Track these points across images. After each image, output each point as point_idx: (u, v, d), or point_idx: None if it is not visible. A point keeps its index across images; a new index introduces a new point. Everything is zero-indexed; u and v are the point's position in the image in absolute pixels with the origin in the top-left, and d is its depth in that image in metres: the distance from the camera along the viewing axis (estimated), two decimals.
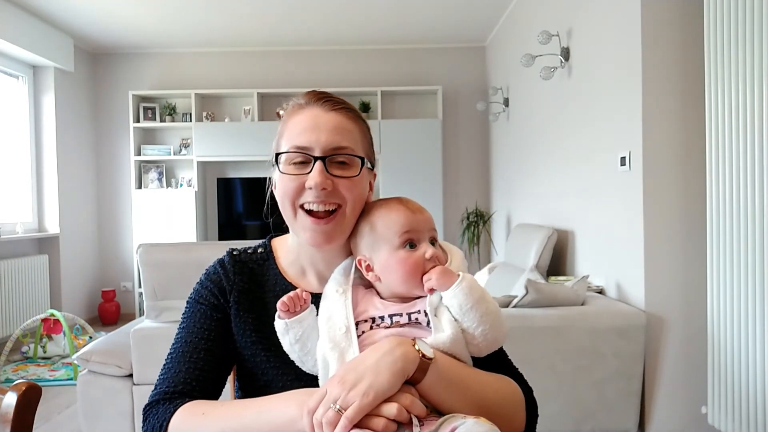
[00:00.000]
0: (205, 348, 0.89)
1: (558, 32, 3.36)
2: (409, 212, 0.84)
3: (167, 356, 0.91)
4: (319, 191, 0.83)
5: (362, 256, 0.86)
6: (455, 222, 5.55)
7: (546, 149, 3.79)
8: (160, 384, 0.88)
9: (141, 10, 4.59)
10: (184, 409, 0.83)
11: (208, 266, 0.98)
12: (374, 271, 0.84)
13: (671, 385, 2.42)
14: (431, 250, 0.82)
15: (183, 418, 0.82)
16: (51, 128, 5.01)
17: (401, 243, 0.82)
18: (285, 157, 0.87)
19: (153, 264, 2.34)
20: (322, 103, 0.88)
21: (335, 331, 0.80)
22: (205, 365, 0.88)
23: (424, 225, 0.84)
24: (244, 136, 5.41)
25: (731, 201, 2.01)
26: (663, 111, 2.42)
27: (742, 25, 1.93)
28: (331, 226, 0.85)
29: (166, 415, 0.82)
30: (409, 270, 0.81)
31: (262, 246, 0.99)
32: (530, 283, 2.44)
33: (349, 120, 0.89)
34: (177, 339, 0.92)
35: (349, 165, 0.86)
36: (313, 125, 0.86)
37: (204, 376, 0.88)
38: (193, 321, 0.92)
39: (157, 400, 0.86)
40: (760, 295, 1.90)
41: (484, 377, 0.82)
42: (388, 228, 0.84)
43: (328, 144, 0.85)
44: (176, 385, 0.87)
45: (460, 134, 5.71)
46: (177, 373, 0.88)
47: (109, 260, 5.76)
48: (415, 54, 5.67)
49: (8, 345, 3.70)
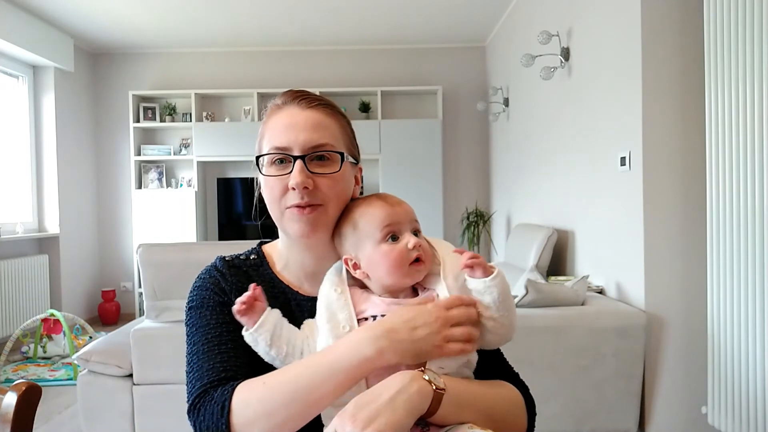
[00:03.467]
0: (229, 339, 0.85)
1: (558, 32, 3.36)
2: (387, 206, 0.86)
3: (189, 362, 0.85)
4: (300, 190, 0.83)
5: (348, 255, 0.86)
6: (455, 222, 5.55)
7: (546, 149, 3.79)
8: (197, 381, 0.82)
9: (141, 10, 4.59)
10: (241, 386, 0.78)
11: (199, 273, 0.94)
12: (361, 269, 0.85)
13: (671, 385, 2.42)
14: (413, 239, 0.83)
15: (244, 394, 0.77)
16: (51, 128, 5.00)
17: (383, 237, 0.84)
18: (266, 159, 0.87)
19: (153, 264, 2.34)
20: (299, 102, 0.89)
21: (339, 330, 0.80)
22: (236, 353, 0.84)
23: (404, 217, 0.85)
24: (244, 136, 5.40)
25: (731, 201, 2.01)
26: (663, 111, 2.42)
27: (742, 25, 1.93)
28: (315, 215, 0.85)
29: (225, 395, 0.78)
30: (393, 262, 0.82)
31: (253, 252, 0.97)
32: (530, 283, 2.44)
33: (326, 116, 0.89)
34: (193, 342, 0.87)
35: (329, 160, 0.87)
36: (290, 124, 0.86)
37: (239, 363, 0.83)
38: (204, 321, 0.88)
39: (203, 391, 0.81)
40: (760, 295, 1.90)
41: (489, 389, 0.83)
42: (369, 223, 0.85)
43: (306, 142, 0.85)
44: (216, 374, 0.81)
45: (460, 134, 5.71)
46: (212, 366, 0.82)
47: (109, 260, 5.76)
48: (415, 54, 5.66)
49: (8, 345, 3.69)
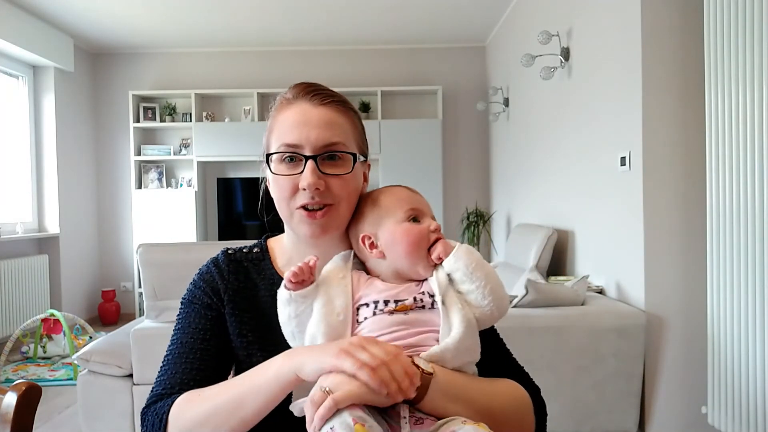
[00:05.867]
0: (201, 348, 0.88)
1: (558, 32, 3.36)
2: (411, 192, 0.89)
3: (164, 359, 0.89)
4: (312, 191, 0.82)
5: (366, 233, 0.85)
6: (455, 222, 5.55)
7: (546, 149, 3.78)
8: (157, 386, 0.87)
9: (141, 10, 4.59)
10: (180, 398, 0.82)
11: (202, 265, 0.96)
12: (378, 248, 0.84)
13: (671, 385, 2.42)
14: (434, 223, 0.84)
15: (180, 406, 0.81)
16: (51, 128, 5.00)
17: (406, 216, 0.85)
18: (276, 156, 0.86)
19: (153, 264, 2.34)
20: (311, 97, 0.86)
21: (332, 316, 0.79)
22: (201, 365, 0.87)
23: (426, 206, 0.88)
24: (244, 136, 5.41)
25: (731, 201, 2.01)
26: (663, 111, 2.42)
27: (742, 25, 1.93)
28: (326, 219, 0.85)
29: (164, 409, 0.81)
30: (414, 239, 0.82)
31: (257, 246, 0.97)
32: (530, 283, 2.44)
33: (339, 114, 0.87)
34: (172, 341, 0.90)
35: (341, 160, 0.85)
36: (302, 121, 0.84)
37: (201, 376, 0.86)
38: (187, 321, 0.91)
39: (155, 400, 0.85)
40: (760, 295, 1.90)
41: (489, 385, 0.80)
42: (393, 202, 0.86)
43: (318, 141, 0.83)
44: (173, 386, 0.85)
45: (460, 134, 5.71)
46: (174, 374, 0.86)
47: (109, 260, 5.76)
48: (415, 54, 5.66)
49: (8, 345, 3.69)
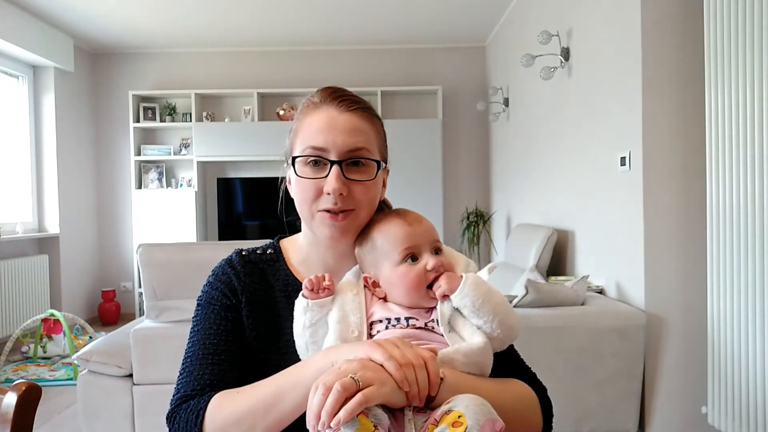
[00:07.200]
0: (225, 349, 0.87)
1: (558, 32, 3.36)
2: (406, 225, 0.84)
3: (184, 361, 0.88)
4: (336, 197, 0.83)
5: (367, 274, 0.86)
6: (455, 222, 5.55)
7: (546, 149, 3.78)
8: (182, 388, 0.85)
9: (141, 11, 4.59)
10: (218, 395, 0.81)
11: (215, 266, 0.95)
12: (381, 287, 0.85)
13: (671, 385, 2.42)
14: (432, 260, 0.82)
15: (218, 402, 0.80)
16: (51, 128, 5.00)
17: (402, 258, 0.83)
18: (301, 159, 0.87)
19: (153, 264, 2.34)
20: (338, 103, 0.87)
21: (347, 333, 0.80)
22: (227, 366, 0.86)
23: (424, 237, 0.84)
24: (244, 136, 5.41)
25: (731, 201, 2.01)
26: (663, 111, 2.42)
27: (742, 25, 1.93)
28: (347, 222, 0.86)
29: (201, 405, 0.80)
30: (411, 284, 0.81)
31: (270, 247, 0.98)
32: (530, 283, 2.44)
33: (364, 120, 0.88)
34: (193, 342, 0.89)
35: (365, 166, 0.87)
36: (329, 126, 0.85)
37: (227, 378, 0.85)
38: (207, 323, 0.90)
39: (184, 399, 0.84)
40: (760, 295, 1.90)
41: (497, 385, 0.81)
42: (388, 244, 0.84)
43: (344, 146, 0.84)
44: (203, 388, 0.84)
45: (460, 134, 5.71)
46: (200, 375, 0.85)
47: (109, 260, 5.76)
48: (415, 54, 5.66)
49: (8, 345, 3.69)
